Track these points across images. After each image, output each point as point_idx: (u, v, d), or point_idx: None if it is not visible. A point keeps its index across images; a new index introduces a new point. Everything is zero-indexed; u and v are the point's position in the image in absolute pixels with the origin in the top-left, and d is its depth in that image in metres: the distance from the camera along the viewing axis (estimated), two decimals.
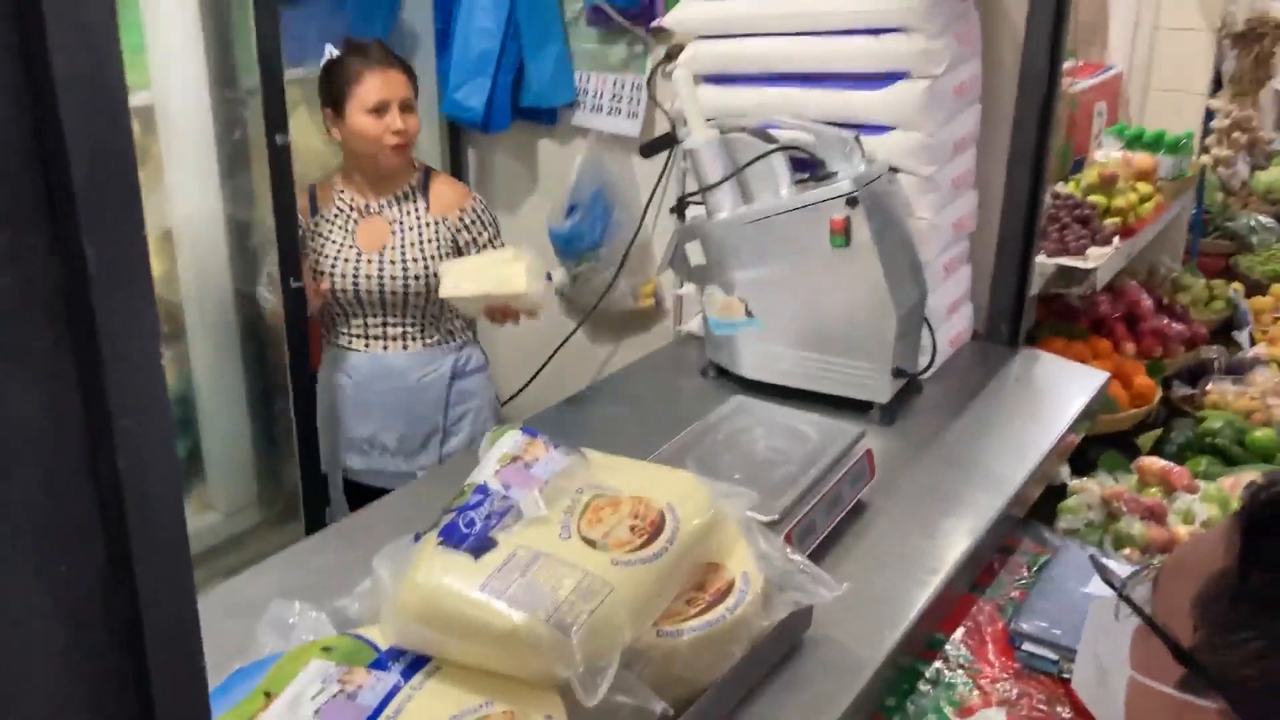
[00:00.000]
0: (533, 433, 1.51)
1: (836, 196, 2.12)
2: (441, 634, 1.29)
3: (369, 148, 2.43)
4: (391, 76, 2.42)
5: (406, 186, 2.55)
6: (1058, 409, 2.40)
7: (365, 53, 2.43)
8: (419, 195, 2.56)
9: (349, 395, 2.63)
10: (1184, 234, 4.34)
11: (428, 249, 2.52)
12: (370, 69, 2.40)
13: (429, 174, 2.61)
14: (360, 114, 2.41)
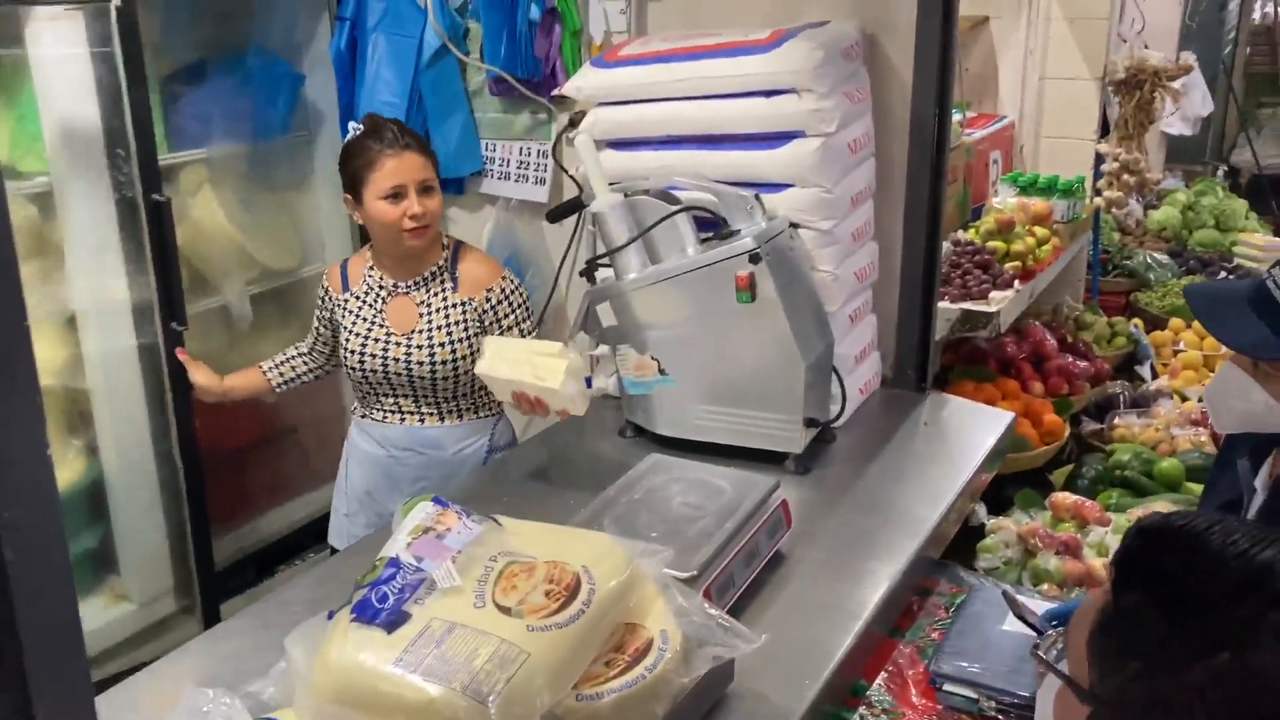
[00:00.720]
0: (444, 503, 1.51)
1: (740, 253, 2.17)
2: (358, 712, 1.27)
3: (388, 233, 2.39)
4: (407, 159, 2.36)
5: (434, 266, 2.48)
6: (967, 450, 2.45)
7: (380, 135, 2.37)
8: (447, 275, 2.49)
9: (382, 466, 2.58)
10: (1083, 274, 4.50)
11: (455, 331, 2.46)
12: (384, 153, 2.35)
13: (459, 251, 2.54)
14: (376, 200, 2.36)
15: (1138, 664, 0.79)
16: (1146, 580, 0.81)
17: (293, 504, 3.55)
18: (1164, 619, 0.78)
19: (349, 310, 2.49)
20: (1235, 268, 5.26)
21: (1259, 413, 1.65)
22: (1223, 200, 5.90)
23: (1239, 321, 1.62)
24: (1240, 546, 0.78)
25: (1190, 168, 7.08)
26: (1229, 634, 0.75)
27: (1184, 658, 0.76)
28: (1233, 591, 0.76)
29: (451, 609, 1.33)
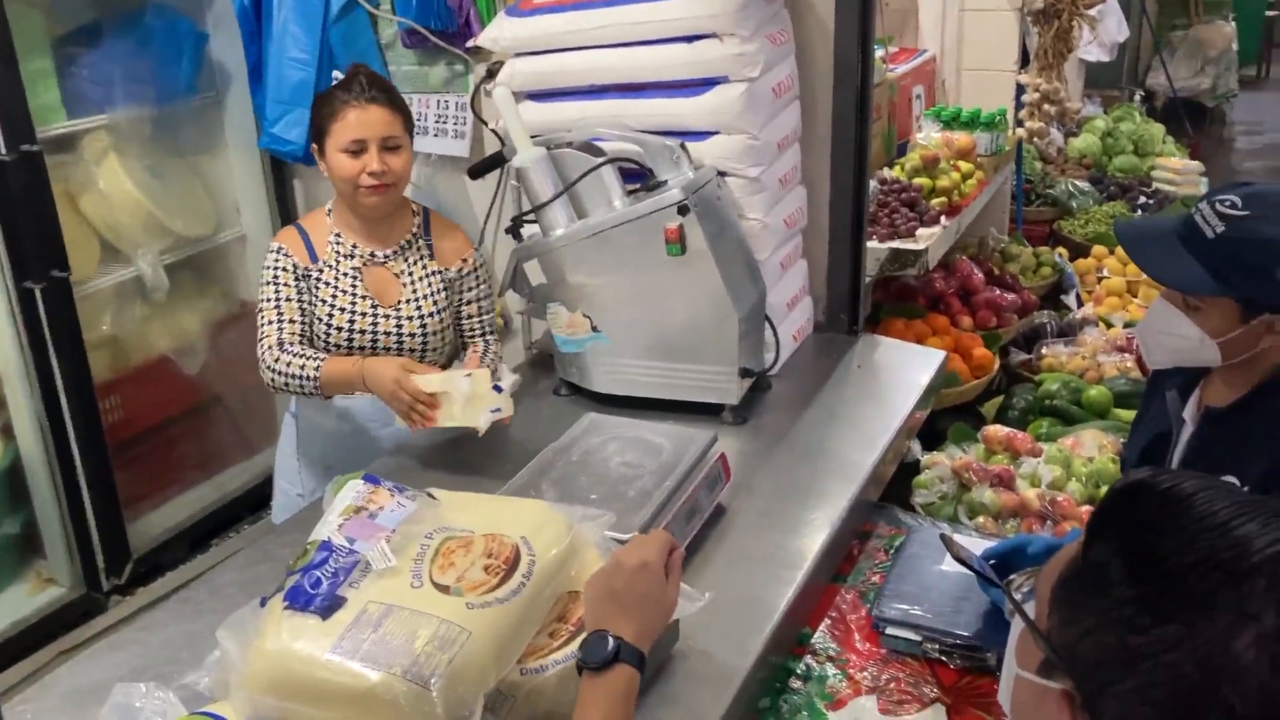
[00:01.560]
0: (375, 480, 1.47)
1: (668, 205, 2.13)
2: (296, 702, 1.24)
3: (346, 188, 2.23)
4: (372, 112, 2.19)
5: (409, 235, 2.34)
6: (901, 391, 2.46)
7: (348, 85, 2.23)
8: (423, 243, 2.36)
9: (348, 440, 2.40)
10: (1007, 206, 4.54)
11: (439, 300, 2.34)
12: (350, 104, 2.19)
13: (429, 217, 2.40)
14: (336, 152, 2.20)
15: (1092, 620, 0.79)
16: (1117, 537, 0.80)
17: (224, 475, 3.48)
18: (1126, 579, 0.77)
19: (324, 282, 2.28)
20: (1154, 192, 5.35)
21: (1191, 347, 1.67)
22: (1140, 125, 5.99)
23: (1169, 258, 1.63)
24: (1220, 518, 0.76)
25: (1108, 93, 7.17)
26: (1185, 606, 0.74)
27: (1136, 621, 0.76)
28: (1197, 564, 0.75)
29: (388, 590, 1.30)
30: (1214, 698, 0.72)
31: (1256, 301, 1.59)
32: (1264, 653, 0.71)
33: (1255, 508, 0.77)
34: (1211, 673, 0.72)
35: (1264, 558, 0.74)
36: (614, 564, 1.32)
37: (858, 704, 1.68)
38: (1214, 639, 0.72)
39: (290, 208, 3.35)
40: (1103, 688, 0.77)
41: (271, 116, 3.00)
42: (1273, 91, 10.88)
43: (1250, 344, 1.63)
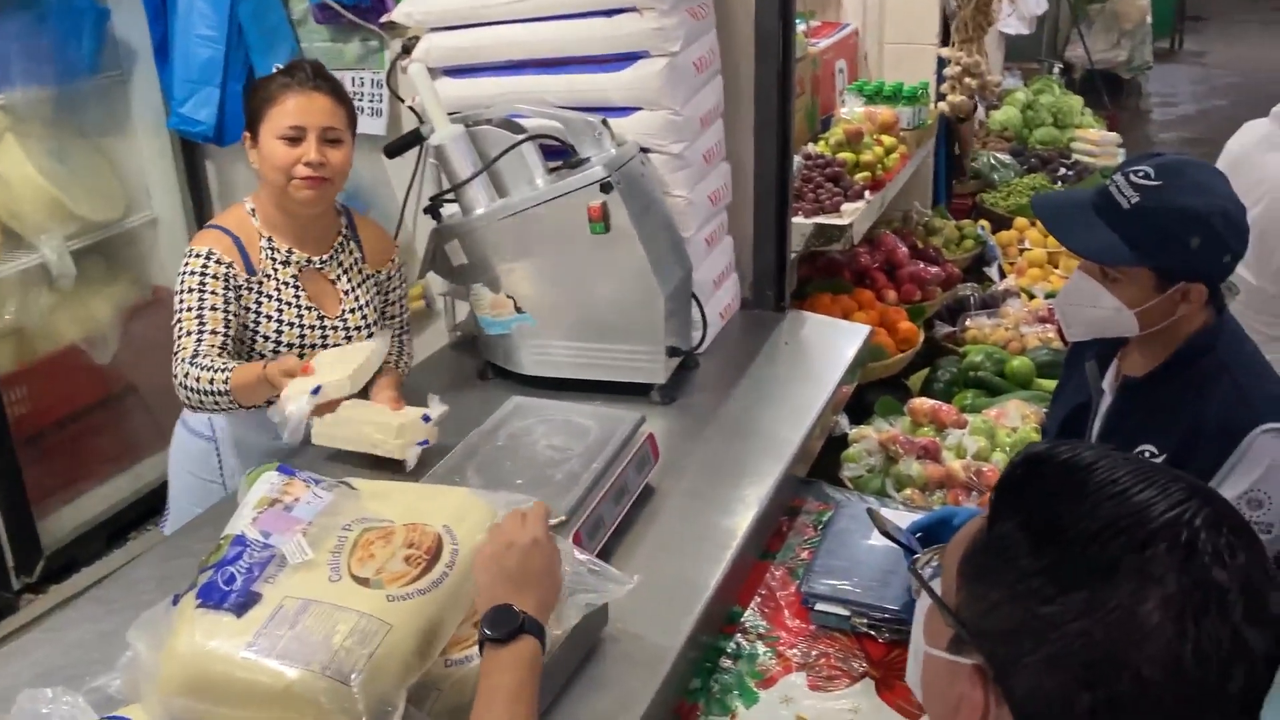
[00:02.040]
0: (290, 471, 1.43)
1: (591, 183, 2.10)
2: (212, 704, 1.20)
3: (277, 179, 2.05)
4: (315, 100, 2.05)
5: (340, 237, 2.21)
6: (828, 366, 2.47)
7: (291, 72, 2.08)
8: (354, 245, 2.23)
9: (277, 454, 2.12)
10: (930, 180, 4.57)
11: (375, 305, 2.25)
12: (290, 88, 2.04)
13: (353, 217, 2.29)
14: (272, 138, 2.03)
15: (999, 593, 0.79)
16: (1020, 509, 0.81)
17: (141, 466, 3.38)
18: (1031, 550, 0.78)
19: (265, 294, 2.11)
20: (1074, 164, 5.44)
21: (1109, 318, 1.69)
22: (1059, 97, 6.08)
23: (1087, 230, 1.65)
24: (1120, 486, 0.77)
25: (1027, 66, 7.26)
26: (1089, 574, 0.75)
27: (1043, 592, 0.76)
28: (1100, 532, 0.75)
29: (305, 585, 1.26)
30: (1122, 663, 0.72)
31: (1171, 270, 1.62)
32: (1168, 616, 0.72)
33: (1154, 474, 0.78)
34: (1119, 638, 0.72)
35: (1164, 522, 0.74)
36: (504, 543, 1.29)
37: (788, 681, 1.68)
38: (1119, 604, 0.73)
39: (203, 190, 3.25)
40: (1013, 660, 0.77)
41: (180, 96, 2.90)
42: (1186, 64, 11.13)
43: (1167, 313, 1.65)
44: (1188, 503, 0.75)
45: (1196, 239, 1.58)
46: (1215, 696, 0.72)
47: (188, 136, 3.03)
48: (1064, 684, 0.74)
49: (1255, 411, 1.59)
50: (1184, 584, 0.73)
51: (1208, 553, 0.73)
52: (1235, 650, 0.72)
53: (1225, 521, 0.76)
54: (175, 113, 2.93)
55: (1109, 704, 0.73)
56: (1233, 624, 0.72)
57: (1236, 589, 0.73)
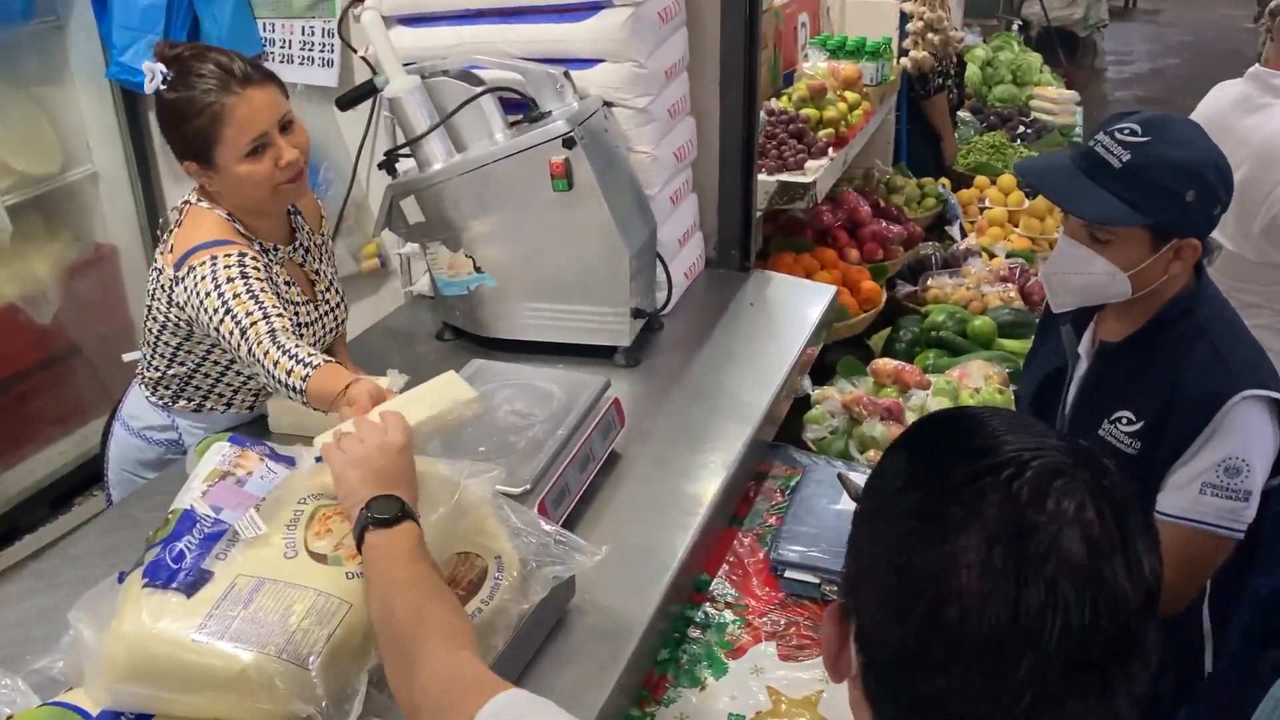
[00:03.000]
0: (242, 441, 1.36)
1: (553, 138, 2.03)
2: (161, 689, 1.14)
3: (260, 193, 1.85)
4: (257, 98, 1.79)
5: (291, 215, 2.03)
6: (794, 327, 2.43)
7: (208, 79, 1.77)
8: (299, 217, 2.05)
9: None
10: (891, 137, 4.53)
11: (333, 269, 2.12)
12: (227, 103, 1.76)
13: None
14: (236, 162, 1.79)
15: (854, 528, 0.82)
16: (890, 454, 0.82)
17: (86, 429, 3.28)
18: (897, 491, 0.78)
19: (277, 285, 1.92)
20: (1032, 121, 5.42)
21: (1101, 283, 1.65)
22: (1019, 55, 6.05)
23: (1083, 192, 1.60)
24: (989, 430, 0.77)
25: (986, 23, 7.23)
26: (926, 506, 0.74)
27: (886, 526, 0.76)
28: (949, 468, 0.75)
29: (259, 562, 1.20)
30: (934, 594, 0.71)
31: (1168, 226, 1.58)
32: (980, 550, 0.70)
33: (1028, 426, 0.78)
34: (931, 569, 0.72)
35: (1005, 459, 0.73)
36: (374, 445, 1.26)
37: (758, 651, 1.66)
38: (940, 536, 0.72)
39: (146, 143, 3.11)
40: (856, 593, 0.78)
41: (119, 44, 2.78)
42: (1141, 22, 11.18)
43: (1158, 273, 1.63)
44: (1042, 449, 0.74)
45: (1192, 192, 1.55)
46: (1027, 644, 0.69)
47: (129, 87, 2.90)
48: (887, 615, 0.74)
49: (1234, 377, 1.57)
50: (1002, 520, 0.71)
51: (1034, 493, 0.71)
52: (1049, 599, 0.69)
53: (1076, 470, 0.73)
54: (115, 62, 2.81)
55: (917, 638, 0.72)
56: (1045, 571, 0.69)
57: (1056, 534, 0.70)
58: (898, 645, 0.73)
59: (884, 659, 0.75)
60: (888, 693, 0.76)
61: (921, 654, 0.72)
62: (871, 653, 0.76)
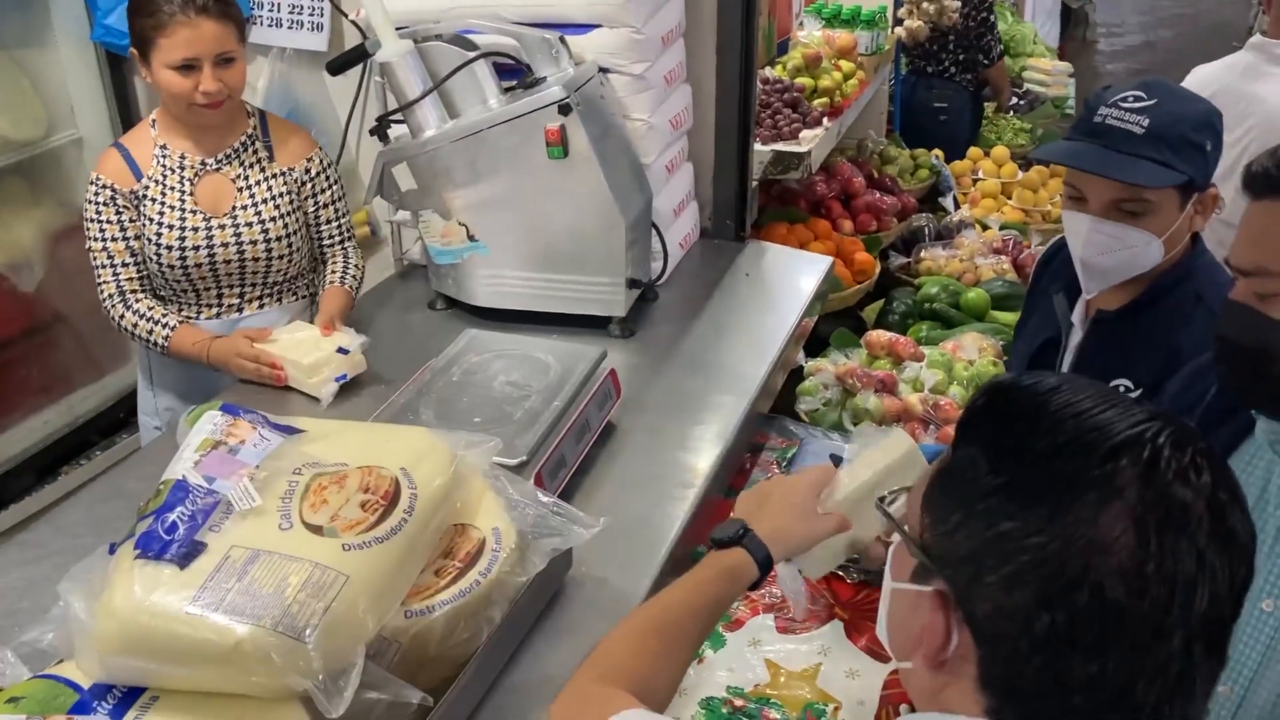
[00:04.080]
0: (235, 411, 1.33)
1: (548, 104, 2.00)
2: (154, 663, 1.12)
3: (178, 104, 2.06)
4: (203, 28, 1.98)
5: (243, 136, 2.16)
6: (789, 298, 2.41)
7: None
8: (260, 144, 2.18)
9: (190, 372, 2.20)
10: (885, 107, 4.50)
11: (282, 204, 2.17)
12: (176, 18, 1.97)
13: (266, 118, 2.23)
14: (164, 69, 2.01)
15: (960, 514, 0.77)
16: (982, 434, 0.80)
17: (73, 397, 3.24)
18: (991, 469, 0.76)
19: (151, 199, 2.11)
20: (1025, 93, 5.39)
21: (1137, 255, 1.61)
22: (1013, 25, 6.00)
23: (1122, 163, 1.56)
24: (1081, 406, 0.76)
25: None
26: (1050, 489, 0.73)
27: (1003, 509, 0.74)
28: (1062, 447, 0.74)
29: (253, 534, 1.18)
30: (1082, 578, 0.70)
31: (1193, 181, 1.58)
32: (1129, 529, 0.70)
33: (1116, 398, 0.77)
34: (1078, 552, 0.71)
35: (1127, 437, 0.73)
36: (774, 483, 1.33)
37: (755, 623, 1.65)
38: (1079, 519, 0.71)
39: (132, 107, 3.06)
40: (974, 580, 0.75)
41: (104, 6, 2.73)
42: None
43: (1184, 232, 1.62)
44: (1150, 422, 0.74)
45: (1209, 142, 1.57)
46: (1179, 617, 0.71)
47: (113, 50, 2.85)
48: (1023, 603, 0.72)
49: None
50: (1147, 498, 0.71)
51: (1172, 469, 0.72)
52: (1200, 569, 0.71)
53: (1190, 441, 0.74)
54: (99, 24, 2.76)
55: (1069, 622, 0.71)
56: (1196, 542, 0.71)
57: (1201, 506, 0.71)
58: (1044, 632, 0.71)
59: (1021, 648, 0.73)
60: (1023, 681, 0.74)
61: (1072, 639, 0.71)
62: (999, 642, 0.74)
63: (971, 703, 0.77)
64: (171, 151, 2.12)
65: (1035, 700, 0.74)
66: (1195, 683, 0.73)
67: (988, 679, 0.76)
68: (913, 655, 0.81)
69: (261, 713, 1.11)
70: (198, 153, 2.13)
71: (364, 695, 1.13)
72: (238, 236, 2.14)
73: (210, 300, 2.21)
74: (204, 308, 2.22)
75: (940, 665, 0.79)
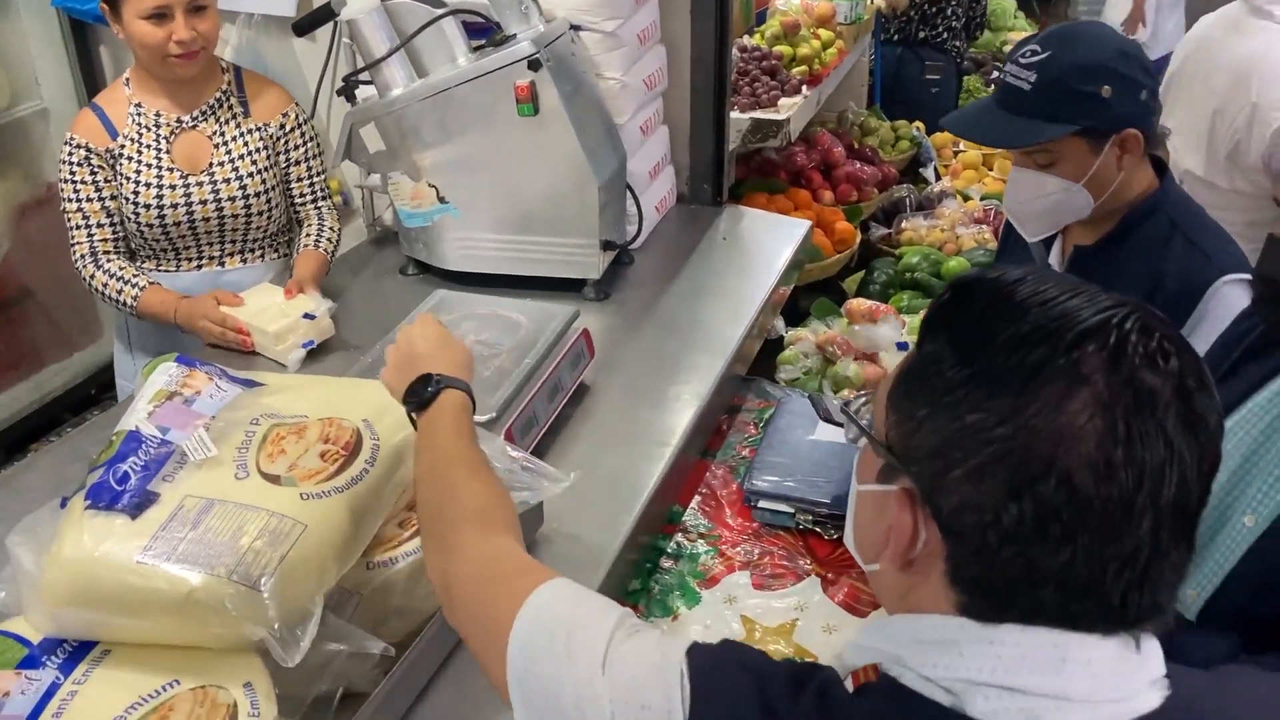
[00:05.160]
0: (190, 362, 1.30)
1: (518, 60, 1.96)
2: (105, 614, 1.09)
3: (152, 56, 2.01)
4: None
5: (218, 93, 2.13)
6: (767, 262, 2.38)
7: None
8: (235, 100, 2.15)
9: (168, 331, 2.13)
10: (865, 78, 4.46)
11: (259, 160, 2.14)
12: None
13: (242, 74, 2.19)
14: (136, 19, 1.96)
15: (925, 410, 0.75)
16: (947, 329, 0.77)
17: (42, 374, 3.19)
18: (956, 365, 0.74)
19: (126, 158, 2.08)
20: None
21: (1061, 201, 1.64)
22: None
23: (1004, 124, 1.61)
24: (1048, 295, 0.74)
25: None
26: (1016, 378, 0.71)
27: (969, 400, 0.72)
28: (1026, 335, 0.72)
29: (208, 484, 1.14)
30: (1049, 467, 0.69)
31: (1096, 126, 1.58)
32: (1097, 417, 0.68)
33: (1082, 287, 0.75)
34: (1045, 441, 0.69)
35: (1093, 324, 0.71)
36: (400, 341, 1.27)
37: (731, 580, 1.62)
38: (1046, 407, 0.69)
39: (97, 77, 3.00)
40: (940, 475, 0.73)
41: None
42: None
43: (1112, 172, 1.62)
44: (1117, 309, 0.72)
45: (1106, 87, 1.55)
46: (1148, 504, 0.69)
47: (77, 16, 2.80)
48: (991, 494, 0.70)
49: (1213, 265, 1.57)
50: (1113, 384, 0.69)
51: (1139, 355, 0.70)
52: (1168, 455, 0.69)
53: (1157, 327, 0.72)
54: None
55: (1037, 512, 0.69)
56: (1165, 428, 0.69)
57: (1169, 391, 0.69)
58: (1013, 523, 0.69)
59: (990, 540, 0.71)
60: (992, 574, 0.72)
61: (1041, 529, 0.69)
62: (967, 536, 0.72)
63: (941, 599, 0.75)
64: (146, 110, 2.09)
65: (1005, 593, 0.72)
66: (1164, 571, 0.71)
67: (956, 574, 0.74)
68: (881, 557, 0.79)
69: (217, 664, 1.08)
70: (173, 110, 2.10)
71: (324, 646, 1.10)
72: (216, 194, 2.11)
73: (191, 256, 2.19)
74: (184, 262, 2.20)
75: (909, 564, 0.77)
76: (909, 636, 0.76)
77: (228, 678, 1.06)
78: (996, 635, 0.72)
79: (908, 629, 0.77)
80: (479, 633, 0.94)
